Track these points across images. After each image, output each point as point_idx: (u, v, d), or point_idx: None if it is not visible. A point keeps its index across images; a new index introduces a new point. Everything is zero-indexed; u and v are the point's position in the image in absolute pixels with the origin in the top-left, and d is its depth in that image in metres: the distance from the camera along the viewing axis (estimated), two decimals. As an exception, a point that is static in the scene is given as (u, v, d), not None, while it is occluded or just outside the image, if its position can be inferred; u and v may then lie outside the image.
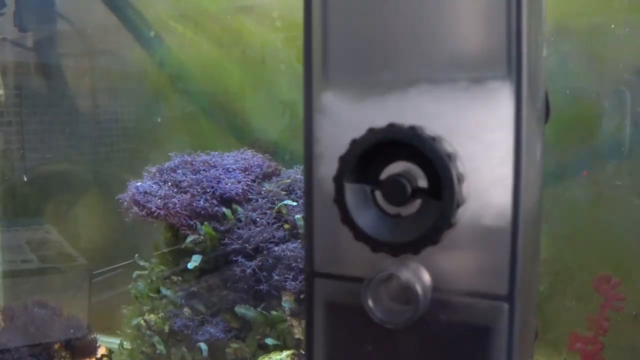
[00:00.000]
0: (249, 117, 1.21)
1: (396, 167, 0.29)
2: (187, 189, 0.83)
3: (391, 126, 0.28)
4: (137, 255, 1.02)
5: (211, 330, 0.80)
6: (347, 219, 0.29)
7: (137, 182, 0.87)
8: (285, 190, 0.84)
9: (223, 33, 1.23)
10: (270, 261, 0.80)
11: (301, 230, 0.83)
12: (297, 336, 0.75)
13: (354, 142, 0.29)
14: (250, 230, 0.78)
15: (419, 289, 0.28)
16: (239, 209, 0.83)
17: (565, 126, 1.00)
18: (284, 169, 0.95)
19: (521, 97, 0.28)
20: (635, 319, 1.01)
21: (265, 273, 0.81)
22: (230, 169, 0.86)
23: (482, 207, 0.29)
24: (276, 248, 0.81)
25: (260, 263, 0.81)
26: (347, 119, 0.31)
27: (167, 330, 0.84)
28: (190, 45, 1.25)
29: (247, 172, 0.87)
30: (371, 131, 0.28)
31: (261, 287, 0.81)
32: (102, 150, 1.47)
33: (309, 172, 0.32)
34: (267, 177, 0.89)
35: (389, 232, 0.29)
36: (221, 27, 1.24)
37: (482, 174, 0.28)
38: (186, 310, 0.85)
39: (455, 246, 0.29)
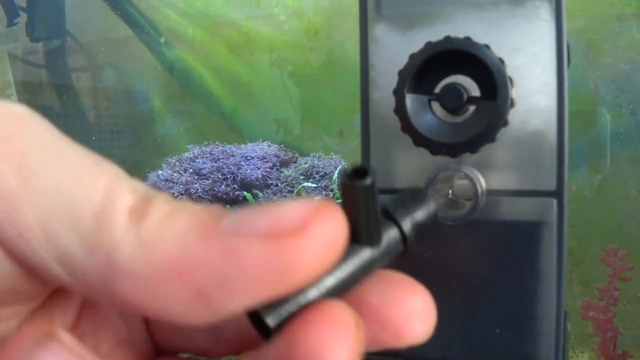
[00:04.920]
0: (258, 118, 1.24)
1: (450, 80, 0.32)
2: (208, 175, 0.86)
3: (447, 38, 0.31)
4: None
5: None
6: (407, 126, 0.32)
7: (158, 171, 0.90)
8: (304, 175, 0.87)
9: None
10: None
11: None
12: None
13: (413, 56, 0.32)
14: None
15: (478, 183, 0.31)
16: (260, 193, 0.85)
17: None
18: (299, 157, 0.99)
19: (561, 11, 0.31)
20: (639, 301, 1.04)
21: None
22: (248, 157, 0.89)
23: (529, 111, 0.32)
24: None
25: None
26: (398, 46, 0.34)
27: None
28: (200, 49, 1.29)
29: (264, 160, 0.90)
30: (429, 44, 0.32)
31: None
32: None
33: (365, 95, 0.35)
34: (284, 164, 0.93)
35: (447, 134, 0.32)
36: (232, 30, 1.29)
37: (527, 82, 0.32)
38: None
39: (506, 147, 0.32)
